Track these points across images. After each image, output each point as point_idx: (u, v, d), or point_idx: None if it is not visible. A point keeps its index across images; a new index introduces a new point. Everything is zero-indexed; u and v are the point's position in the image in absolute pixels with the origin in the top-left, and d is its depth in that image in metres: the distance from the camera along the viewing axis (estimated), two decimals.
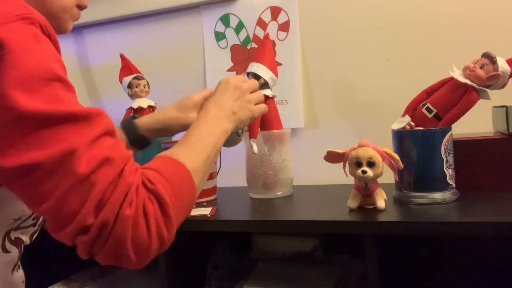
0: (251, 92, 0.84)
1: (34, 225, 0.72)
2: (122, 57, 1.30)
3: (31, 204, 0.54)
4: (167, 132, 0.94)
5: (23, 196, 0.54)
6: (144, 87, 1.27)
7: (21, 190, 0.53)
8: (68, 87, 0.55)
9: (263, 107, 0.85)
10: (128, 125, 0.91)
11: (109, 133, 0.56)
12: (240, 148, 1.14)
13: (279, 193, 1.10)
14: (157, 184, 0.56)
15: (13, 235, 0.69)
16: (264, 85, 1.09)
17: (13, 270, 0.70)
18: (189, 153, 0.66)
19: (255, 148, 1.04)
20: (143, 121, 0.92)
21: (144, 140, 0.91)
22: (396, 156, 0.86)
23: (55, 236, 0.54)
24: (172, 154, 0.64)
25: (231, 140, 1.07)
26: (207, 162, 0.68)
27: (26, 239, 0.73)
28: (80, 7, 0.73)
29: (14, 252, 0.69)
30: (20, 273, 0.74)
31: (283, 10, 1.34)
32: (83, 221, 0.51)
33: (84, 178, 0.51)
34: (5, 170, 0.51)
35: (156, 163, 0.61)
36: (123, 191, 0.53)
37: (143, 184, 0.56)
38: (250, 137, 1.05)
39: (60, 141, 0.51)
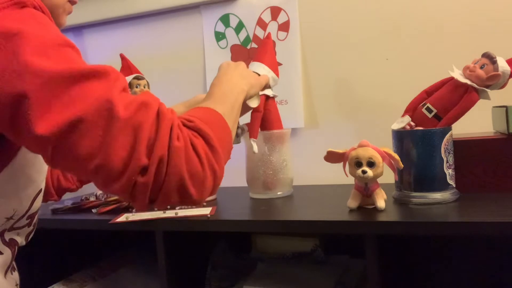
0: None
1: (29, 225, 0.72)
2: (122, 57, 1.30)
3: (81, 165, 0.53)
4: None
5: (70, 159, 0.53)
6: (144, 87, 1.27)
7: (68, 152, 0.52)
8: (78, 52, 0.57)
9: (264, 79, 0.90)
10: None
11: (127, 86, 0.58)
12: (240, 148, 1.14)
13: (279, 193, 1.10)
14: (196, 121, 0.58)
15: (7, 236, 0.68)
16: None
17: (6, 272, 0.69)
18: (215, 103, 0.68)
19: (256, 148, 1.04)
20: None
21: None
22: (396, 156, 0.86)
23: (111, 190, 0.54)
24: (201, 104, 0.66)
25: None
26: (232, 111, 0.70)
27: (21, 240, 0.72)
28: (72, 2, 0.73)
29: (7, 253, 0.68)
30: (14, 276, 0.73)
31: (283, 10, 1.34)
32: (138, 163, 0.52)
33: (126, 122, 0.52)
34: (51, 134, 0.51)
35: (186, 112, 0.63)
36: (167, 126, 0.54)
37: (183, 123, 0.57)
38: (250, 137, 1.06)
39: (92, 94, 0.52)
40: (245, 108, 0.89)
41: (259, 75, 1.05)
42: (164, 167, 0.53)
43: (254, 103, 0.93)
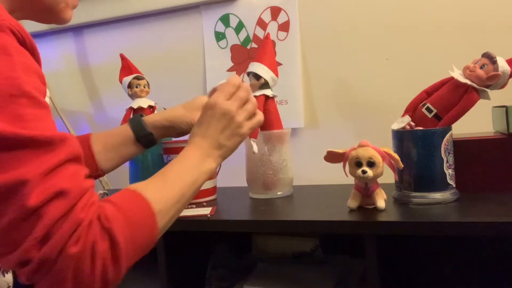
0: (244, 104, 0.75)
1: None
2: (122, 57, 1.30)
3: None
4: (173, 131, 0.92)
5: None
6: (144, 87, 1.27)
7: None
8: (37, 104, 0.51)
9: (256, 121, 0.77)
10: (136, 122, 0.90)
11: (73, 160, 0.52)
12: (240, 148, 1.13)
13: (279, 193, 1.10)
14: (113, 222, 0.53)
15: None
16: (265, 85, 1.09)
17: None
18: (161, 191, 0.62)
19: (256, 148, 1.04)
20: (151, 119, 0.92)
21: (151, 137, 0.91)
22: (396, 156, 0.86)
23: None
24: (142, 189, 0.59)
25: None
26: (180, 201, 0.64)
27: None
28: None
29: None
30: (6, 278, 0.72)
31: (283, 10, 1.34)
32: (25, 254, 0.49)
33: (32, 211, 0.48)
34: None
35: (120, 197, 0.57)
36: (71, 227, 0.50)
37: (99, 219, 0.52)
38: (250, 137, 1.05)
39: (13, 168, 0.48)
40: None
41: (259, 76, 1.06)
42: (47, 267, 0.49)
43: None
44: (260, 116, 0.78)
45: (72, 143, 0.53)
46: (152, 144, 0.92)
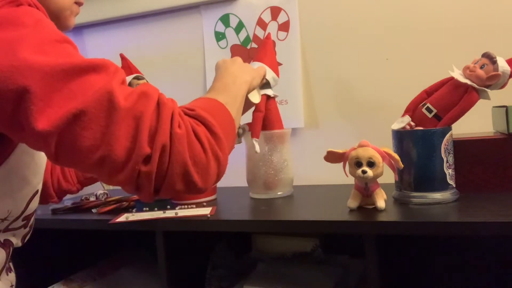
0: None
1: (25, 226, 0.71)
2: (122, 57, 1.30)
3: (85, 158, 0.53)
4: None
5: (73, 153, 0.53)
6: None
7: (71, 146, 0.52)
8: (75, 47, 0.57)
9: (262, 68, 0.91)
10: None
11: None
12: (240, 148, 1.14)
13: (279, 193, 1.10)
14: (197, 110, 0.58)
15: (2, 237, 0.68)
16: (266, 84, 1.09)
17: (0, 273, 0.69)
18: (217, 94, 0.68)
19: (258, 148, 1.04)
20: None
21: None
22: (396, 156, 0.86)
23: (116, 181, 0.54)
24: (198, 97, 0.66)
25: None
26: (235, 101, 0.70)
27: (17, 241, 0.71)
28: (79, 3, 0.73)
29: (2, 255, 0.68)
30: (9, 277, 0.72)
31: (283, 10, 1.34)
32: (141, 153, 0.52)
33: (127, 112, 0.52)
34: (54, 128, 0.51)
35: (191, 102, 0.63)
36: (168, 115, 0.54)
37: (184, 112, 0.58)
38: (252, 137, 1.06)
39: (92, 86, 0.52)
40: (247, 105, 0.89)
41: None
42: (167, 155, 0.53)
43: (256, 99, 0.94)
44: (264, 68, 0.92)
45: (118, 67, 0.59)
46: None
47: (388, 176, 0.91)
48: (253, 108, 1.09)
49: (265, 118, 1.09)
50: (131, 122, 0.52)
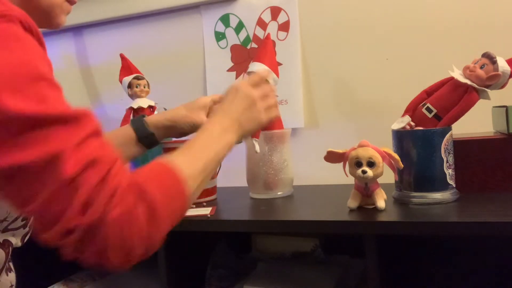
0: (265, 96, 0.79)
1: (24, 226, 0.71)
2: (122, 57, 1.30)
3: (17, 206, 0.53)
4: (175, 131, 0.93)
5: (9, 197, 0.52)
6: (144, 87, 1.27)
7: (7, 192, 0.52)
8: (54, 85, 0.54)
9: (273, 113, 0.81)
10: (138, 122, 0.92)
11: (97, 133, 0.54)
12: (240, 148, 1.14)
13: (279, 193, 1.10)
14: (146, 187, 0.54)
15: (1, 238, 0.68)
16: None
17: (0, 273, 0.69)
18: (188, 159, 0.64)
19: (258, 148, 1.04)
20: (153, 119, 0.93)
21: (153, 137, 0.92)
22: (396, 156, 0.86)
23: (41, 237, 0.52)
24: (169, 159, 0.61)
25: None
26: (205, 170, 0.66)
27: (16, 241, 0.71)
28: (70, 2, 0.71)
29: (1, 255, 0.67)
30: (9, 277, 0.72)
31: (283, 10, 1.34)
32: (68, 223, 0.50)
33: (70, 181, 0.50)
34: None
35: (148, 167, 0.59)
36: (109, 192, 0.51)
37: (131, 186, 0.54)
38: (252, 137, 1.06)
39: (47, 143, 0.50)
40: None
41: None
42: (92, 233, 0.50)
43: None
44: (277, 111, 0.83)
45: (94, 117, 0.55)
46: (154, 145, 0.93)
47: (388, 176, 0.90)
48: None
49: None
50: (68, 191, 0.50)
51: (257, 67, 1.08)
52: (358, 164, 0.86)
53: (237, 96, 0.76)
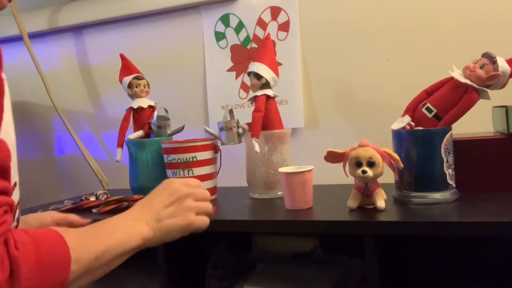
0: (197, 200, 0.73)
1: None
2: (122, 57, 1.30)
3: None
4: None
5: None
6: (144, 87, 1.27)
7: None
8: None
9: (204, 221, 0.73)
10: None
11: None
12: (240, 148, 1.14)
13: (279, 193, 1.10)
14: (22, 251, 0.48)
15: None
16: (265, 84, 1.09)
17: None
18: (84, 240, 0.57)
19: (257, 148, 1.04)
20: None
21: None
22: (396, 156, 0.86)
23: None
24: (65, 232, 0.55)
25: (228, 137, 1.08)
26: (101, 257, 0.58)
27: None
28: None
29: None
30: None
31: (283, 10, 1.34)
32: None
33: None
34: None
35: (39, 231, 0.53)
36: None
37: (5, 243, 0.48)
38: (252, 137, 1.06)
39: None
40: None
41: (260, 76, 1.06)
42: None
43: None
44: (207, 222, 0.74)
45: None
46: None
47: (388, 176, 0.91)
48: (253, 108, 1.10)
49: (265, 118, 1.09)
50: None
51: (257, 67, 1.09)
52: (358, 164, 0.86)
53: (166, 189, 0.71)
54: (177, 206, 0.70)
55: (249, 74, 1.11)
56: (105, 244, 0.59)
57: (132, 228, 0.64)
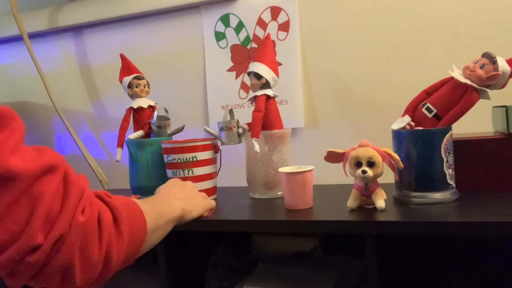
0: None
1: None
2: (122, 57, 1.30)
3: None
4: None
5: None
6: (144, 87, 1.27)
7: None
8: None
9: (211, 202, 0.95)
10: None
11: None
12: (240, 148, 1.14)
13: (279, 193, 1.10)
14: (113, 199, 0.54)
15: None
16: (265, 84, 1.09)
17: None
18: (143, 203, 0.67)
19: (257, 148, 1.04)
20: None
21: None
22: (396, 156, 0.86)
23: None
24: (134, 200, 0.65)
25: (228, 137, 1.08)
26: (159, 219, 0.70)
27: None
28: None
29: None
30: None
31: (283, 10, 1.34)
32: (29, 242, 0.44)
33: (24, 190, 0.44)
34: None
35: (111, 194, 0.59)
36: (76, 198, 0.47)
37: (98, 195, 0.52)
38: (252, 137, 1.06)
39: None
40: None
41: (260, 76, 1.06)
42: (59, 246, 0.45)
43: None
44: (213, 203, 0.98)
45: (17, 123, 0.50)
46: None
47: (388, 176, 0.91)
48: (253, 108, 1.10)
49: (265, 118, 1.09)
50: (26, 202, 0.43)
51: (257, 67, 1.09)
52: (358, 164, 0.86)
53: (176, 184, 0.90)
54: (190, 193, 0.89)
55: (249, 74, 1.11)
56: (162, 209, 0.73)
57: (171, 201, 0.79)
